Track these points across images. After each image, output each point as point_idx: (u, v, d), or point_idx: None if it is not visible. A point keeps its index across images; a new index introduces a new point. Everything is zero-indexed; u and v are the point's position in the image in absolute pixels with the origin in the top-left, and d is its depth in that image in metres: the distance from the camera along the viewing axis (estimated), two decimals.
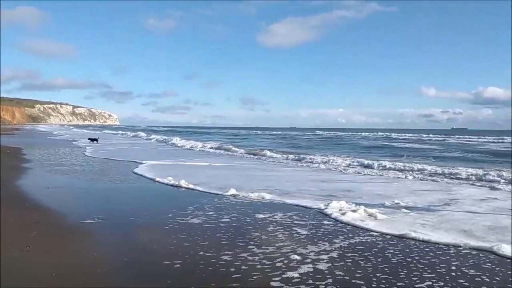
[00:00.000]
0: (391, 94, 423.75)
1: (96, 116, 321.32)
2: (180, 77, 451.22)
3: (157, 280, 4.39)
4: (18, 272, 4.50)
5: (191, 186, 11.09)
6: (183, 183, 11.34)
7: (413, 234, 6.36)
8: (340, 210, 8.09)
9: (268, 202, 9.19)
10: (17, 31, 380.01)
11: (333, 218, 7.54)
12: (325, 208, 8.23)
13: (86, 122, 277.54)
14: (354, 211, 7.96)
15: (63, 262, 4.85)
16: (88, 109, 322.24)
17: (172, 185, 11.29)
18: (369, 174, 15.32)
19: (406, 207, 8.61)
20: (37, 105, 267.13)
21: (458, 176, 14.19)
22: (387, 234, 6.49)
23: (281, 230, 6.61)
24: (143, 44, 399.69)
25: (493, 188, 11.68)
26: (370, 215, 7.75)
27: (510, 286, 4.50)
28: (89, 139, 35.40)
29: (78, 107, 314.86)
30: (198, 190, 10.54)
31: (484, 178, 13.49)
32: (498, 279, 4.66)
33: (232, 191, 10.04)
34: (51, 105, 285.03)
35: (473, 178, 13.73)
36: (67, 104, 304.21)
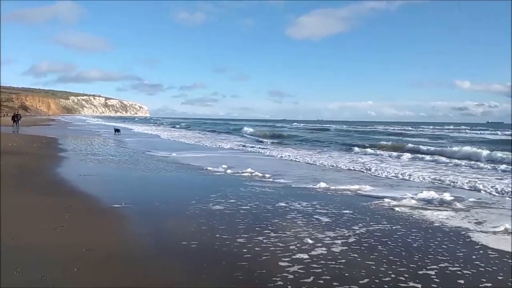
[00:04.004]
0: (423, 87, 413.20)
1: (127, 108, 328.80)
2: (209, 70, 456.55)
3: (173, 257, 4.82)
4: (51, 248, 5.00)
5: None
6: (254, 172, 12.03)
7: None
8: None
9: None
10: (55, 25, 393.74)
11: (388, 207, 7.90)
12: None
13: (118, 114, 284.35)
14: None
15: (92, 240, 5.34)
16: (120, 101, 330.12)
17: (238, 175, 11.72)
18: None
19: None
20: (71, 97, 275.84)
21: None
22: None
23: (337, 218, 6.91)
24: (174, 38, 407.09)
25: None
26: (449, 203, 8.22)
27: None
28: (115, 129, 37.55)
29: (110, 99, 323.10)
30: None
31: None
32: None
33: (323, 185, 10.12)
34: (84, 97, 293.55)
35: None
36: (99, 96, 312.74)
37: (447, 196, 8.80)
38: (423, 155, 18.79)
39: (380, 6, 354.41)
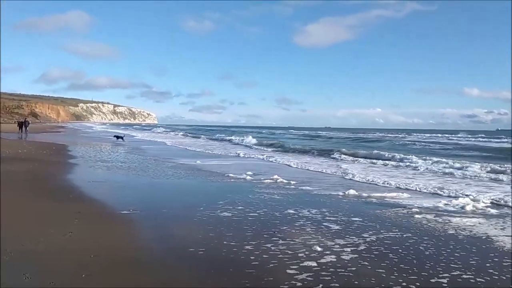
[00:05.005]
0: (431, 94, 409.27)
1: (136, 115, 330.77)
2: (217, 77, 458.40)
3: (180, 264, 4.82)
4: (60, 254, 5.01)
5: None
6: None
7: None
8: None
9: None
10: (66, 34, 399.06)
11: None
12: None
13: (126, 121, 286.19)
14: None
15: (100, 246, 5.34)
16: (128, 108, 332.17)
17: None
18: None
19: None
20: (80, 104, 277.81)
21: None
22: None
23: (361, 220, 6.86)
24: (182, 46, 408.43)
25: None
26: (483, 210, 8.22)
27: None
28: (115, 136, 36.45)
29: (119, 106, 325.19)
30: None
31: None
32: None
33: (352, 192, 10.12)
34: (93, 104, 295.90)
35: None
36: (108, 103, 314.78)
37: (481, 203, 8.75)
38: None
39: (386, 14, 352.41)
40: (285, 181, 11.97)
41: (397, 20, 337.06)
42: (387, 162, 19.01)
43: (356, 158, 20.90)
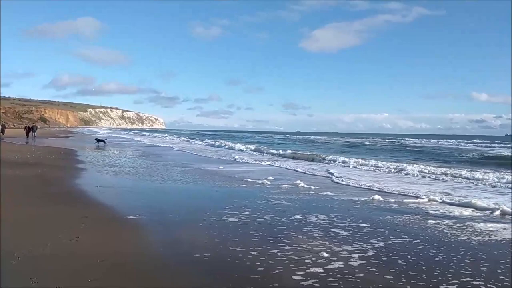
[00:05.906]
0: (439, 99, 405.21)
1: (144, 120, 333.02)
2: (224, 83, 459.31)
3: (186, 269, 4.80)
4: (67, 258, 5.01)
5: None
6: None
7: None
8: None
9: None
10: (76, 40, 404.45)
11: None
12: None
13: (134, 126, 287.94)
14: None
15: (107, 251, 5.33)
16: (136, 113, 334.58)
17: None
18: None
19: None
20: (89, 109, 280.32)
21: None
22: None
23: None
24: (190, 51, 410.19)
25: None
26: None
27: None
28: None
29: (127, 111, 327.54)
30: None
31: None
32: None
33: (376, 197, 10.11)
34: (102, 109, 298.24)
35: None
36: (116, 109, 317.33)
37: (509, 207, 8.63)
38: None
39: (394, 19, 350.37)
40: (306, 186, 12.16)
41: (404, 25, 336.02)
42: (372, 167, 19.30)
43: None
